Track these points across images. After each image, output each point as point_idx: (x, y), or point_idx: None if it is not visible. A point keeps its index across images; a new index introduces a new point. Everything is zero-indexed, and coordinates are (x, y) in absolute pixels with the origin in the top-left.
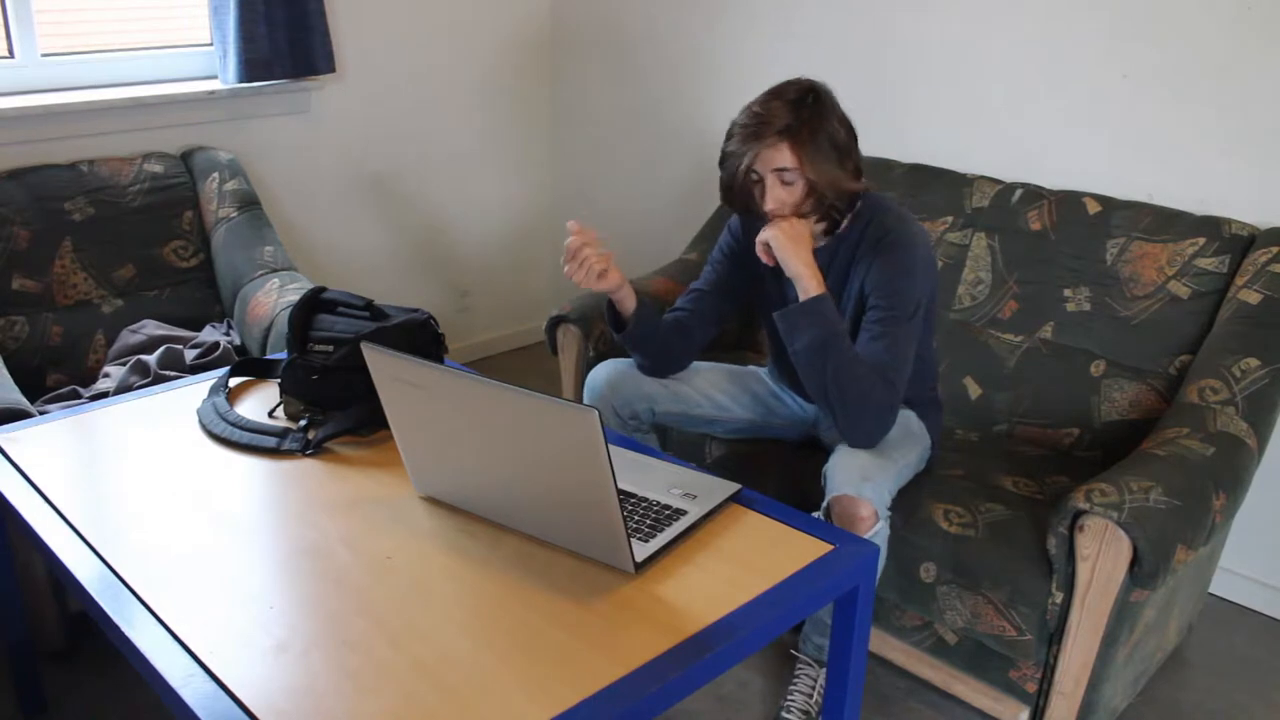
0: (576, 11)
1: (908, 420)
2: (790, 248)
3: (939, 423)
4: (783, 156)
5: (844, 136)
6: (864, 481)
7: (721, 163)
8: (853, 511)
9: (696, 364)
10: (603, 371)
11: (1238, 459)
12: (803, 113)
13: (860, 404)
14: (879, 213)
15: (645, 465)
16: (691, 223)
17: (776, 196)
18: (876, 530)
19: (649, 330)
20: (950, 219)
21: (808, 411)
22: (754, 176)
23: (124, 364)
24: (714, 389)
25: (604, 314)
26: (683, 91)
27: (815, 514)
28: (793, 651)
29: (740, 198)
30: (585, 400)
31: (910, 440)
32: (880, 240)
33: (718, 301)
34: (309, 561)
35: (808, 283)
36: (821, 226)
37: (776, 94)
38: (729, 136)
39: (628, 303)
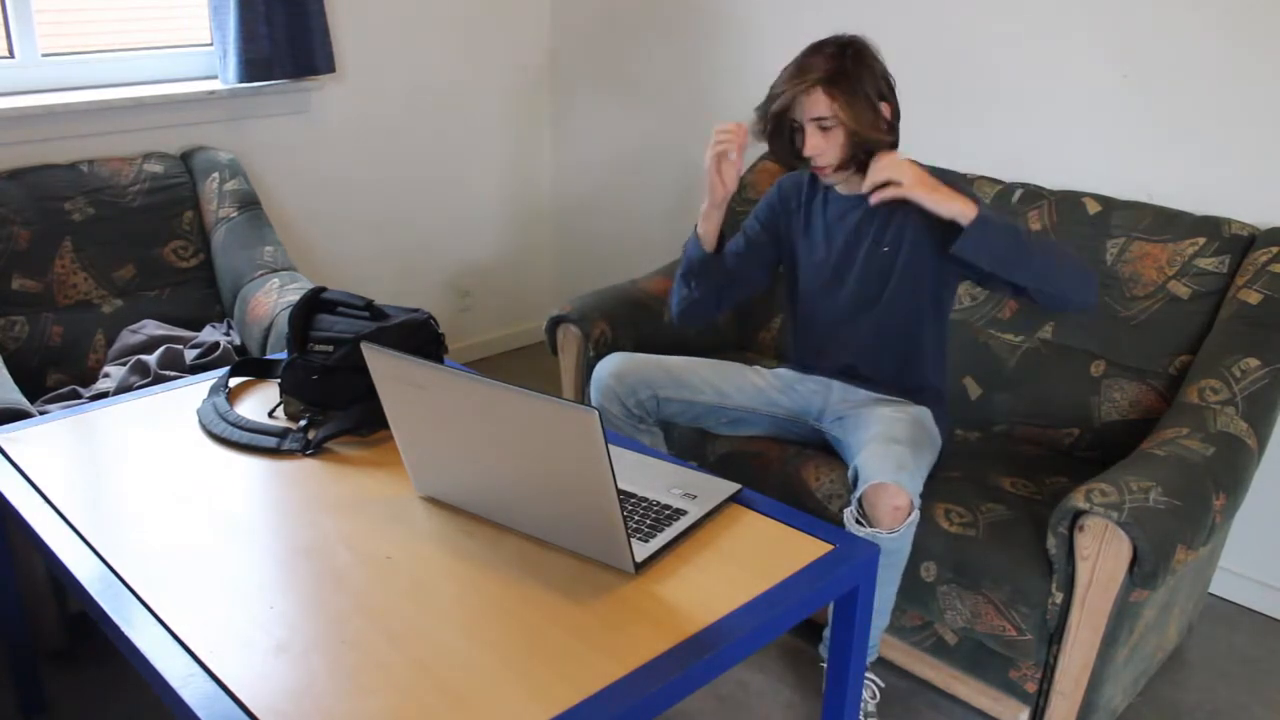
0: (577, 9)
1: (924, 418)
2: (925, 183)
3: (947, 422)
4: (820, 105)
5: (882, 91)
6: (900, 470)
7: (763, 108)
8: (891, 500)
9: (699, 358)
10: (607, 364)
11: (1238, 459)
12: (843, 64)
13: (1072, 262)
14: None
15: (645, 465)
16: (691, 222)
17: (814, 144)
18: (912, 520)
19: (709, 264)
20: None
21: (812, 402)
22: (794, 124)
23: (124, 364)
24: (715, 377)
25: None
26: (683, 91)
27: (847, 509)
28: (822, 665)
29: (777, 142)
30: (591, 393)
31: (930, 440)
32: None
33: (748, 265)
34: (309, 561)
35: (963, 205)
36: (854, 173)
37: (818, 48)
38: (773, 86)
39: (713, 239)
